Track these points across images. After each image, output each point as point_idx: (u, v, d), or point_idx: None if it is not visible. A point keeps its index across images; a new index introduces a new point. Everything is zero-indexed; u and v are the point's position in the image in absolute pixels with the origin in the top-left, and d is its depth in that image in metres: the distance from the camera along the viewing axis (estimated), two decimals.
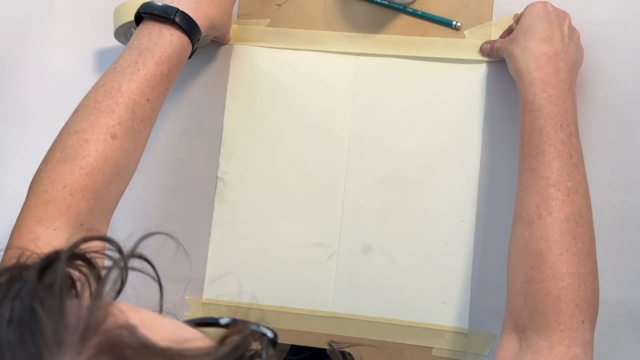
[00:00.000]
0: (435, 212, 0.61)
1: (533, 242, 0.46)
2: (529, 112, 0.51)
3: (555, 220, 0.46)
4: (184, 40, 0.53)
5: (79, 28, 0.70)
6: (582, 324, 0.44)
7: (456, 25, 0.62)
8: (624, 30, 0.60)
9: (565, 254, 0.45)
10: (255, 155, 0.64)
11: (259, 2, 0.66)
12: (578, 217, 0.46)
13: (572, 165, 0.48)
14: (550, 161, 0.47)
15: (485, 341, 0.58)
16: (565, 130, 0.48)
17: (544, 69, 0.51)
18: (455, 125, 0.61)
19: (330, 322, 0.61)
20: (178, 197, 0.65)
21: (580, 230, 0.46)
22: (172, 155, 0.66)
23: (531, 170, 0.49)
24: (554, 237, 0.45)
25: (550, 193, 0.47)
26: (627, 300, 0.56)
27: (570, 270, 0.44)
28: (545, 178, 0.47)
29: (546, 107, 0.49)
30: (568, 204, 0.46)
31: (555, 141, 0.48)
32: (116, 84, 0.49)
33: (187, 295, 0.64)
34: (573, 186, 0.47)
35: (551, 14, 0.54)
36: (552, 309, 0.44)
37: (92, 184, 0.47)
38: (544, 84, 0.50)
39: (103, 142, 0.47)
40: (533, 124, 0.50)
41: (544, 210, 0.46)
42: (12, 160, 0.68)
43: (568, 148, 0.48)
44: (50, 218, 0.45)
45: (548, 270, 0.45)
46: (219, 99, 0.66)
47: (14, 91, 0.70)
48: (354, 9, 0.65)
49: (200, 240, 0.64)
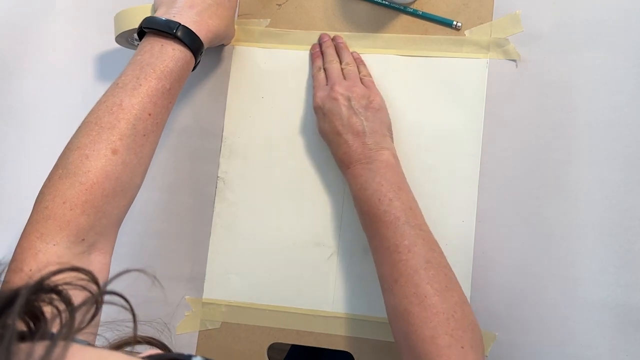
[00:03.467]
0: (435, 212, 0.60)
1: (397, 304, 0.50)
2: (354, 202, 0.57)
3: (407, 278, 0.49)
4: (186, 54, 0.53)
5: (79, 29, 0.70)
6: (462, 350, 0.46)
7: (456, 25, 0.62)
8: (623, 30, 0.60)
9: (425, 300, 0.48)
10: (255, 155, 0.64)
11: (259, 2, 0.66)
12: (425, 263, 0.50)
13: (402, 224, 0.51)
14: (384, 233, 0.52)
15: (485, 341, 0.58)
16: (384, 199, 0.53)
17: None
18: (455, 124, 0.61)
19: (330, 322, 0.61)
20: (178, 197, 0.65)
21: (431, 273, 0.49)
22: (172, 155, 0.66)
23: (375, 248, 0.54)
24: (411, 291, 0.49)
25: (394, 259, 0.51)
26: (627, 300, 0.56)
27: (434, 310, 0.47)
28: (386, 248, 0.52)
29: (360, 193, 0.55)
30: (412, 259, 0.50)
31: (380, 214, 0.52)
32: (117, 100, 0.49)
33: (187, 295, 0.64)
34: (410, 242, 0.51)
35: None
36: (430, 349, 0.46)
37: (92, 200, 0.47)
38: (352, 175, 0.56)
39: (103, 158, 0.47)
40: (359, 209, 0.55)
41: (395, 274, 0.50)
42: (12, 160, 0.68)
43: (393, 212, 0.52)
44: (50, 233, 0.45)
45: (416, 319, 0.48)
46: (220, 98, 0.66)
47: (15, 92, 0.70)
48: (354, 9, 0.65)
49: (200, 240, 0.64)
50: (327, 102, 0.58)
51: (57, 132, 0.68)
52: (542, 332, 0.57)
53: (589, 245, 0.58)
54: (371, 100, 0.58)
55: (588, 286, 0.57)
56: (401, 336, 0.49)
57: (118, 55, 0.68)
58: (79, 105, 0.68)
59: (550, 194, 0.59)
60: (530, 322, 0.58)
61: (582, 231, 0.58)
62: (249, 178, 0.64)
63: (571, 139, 0.59)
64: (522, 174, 0.59)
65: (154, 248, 0.65)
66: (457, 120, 0.61)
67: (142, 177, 0.52)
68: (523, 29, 0.61)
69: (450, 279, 0.50)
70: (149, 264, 0.64)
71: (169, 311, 0.63)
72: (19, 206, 0.67)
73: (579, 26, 0.60)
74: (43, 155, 0.68)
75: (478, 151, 0.61)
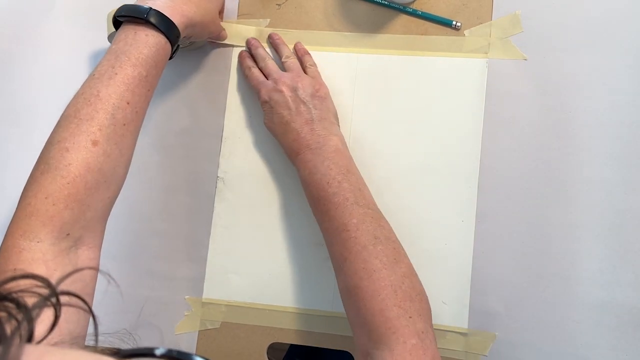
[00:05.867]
0: (435, 211, 0.61)
1: (348, 281, 0.51)
2: (304, 187, 0.58)
3: (356, 254, 0.51)
4: (160, 39, 0.53)
5: (79, 29, 0.70)
6: (410, 319, 0.47)
7: (456, 25, 0.62)
8: (623, 30, 0.60)
9: (374, 274, 0.49)
10: (255, 155, 0.64)
11: (259, 2, 0.66)
12: (373, 239, 0.51)
13: (351, 204, 0.53)
14: (333, 214, 0.53)
15: (485, 341, 0.58)
16: (332, 182, 0.54)
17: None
18: (455, 124, 0.61)
19: (330, 322, 0.61)
20: (178, 197, 0.65)
21: (379, 248, 0.50)
22: (172, 154, 0.66)
23: (325, 230, 0.55)
24: (360, 267, 0.50)
25: (343, 237, 0.52)
26: (627, 300, 0.56)
27: (382, 283, 0.49)
28: (335, 228, 0.53)
29: (309, 178, 0.56)
30: (360, 236, 0.51)
31: (329, 196, 0.54)
32: (95, 91, 0.49)
33: (187, 295, 0.64)
34: (358, 220, 0.52)
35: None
36: (380, 322, 0.47)
37: (75, 193, 0.46)
38: (302, 161, 0.57)
39: (84, 150, 0.47)
40: (309, 194, 0.56)
41: (345, 252, 0.51)
42: (12, 160, 0.68)
43: (342, 194, 0.53)
44: (34, 230, 0.44)
45: (365, 294, 0.49)
46: (220, 98, 0.66)
47: (15, 92, 0.70)
48: (354, 8, 0.65)
49: (200, 240, 0.64)
50: (274, 95, 0.59)
51: None
52: (542, 332, 0.58)
53: (589, 245, 0.58)
54: (317, 89, 0.59)
55: (588, 286, 0.57)
56: (353, 313, 0.50)
57: None
58: None
59: (550, 194, 0.59)
60: (530, 322, 0.58)
61: (582, 231, 0.58)
62: (249, 178, 0.64)
63: (571, 139, 0.59)
64: (522, 174, 0.59)
65: (154, 248, 0.65)
66: (456, 120, 0.61)
67: (126, 168, 0.51)
68: (523, 29, 0.61)
69: (398, 252, 0.52)
70: (149, 264, 0.64)
71: (168, 311, 0.63)
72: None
73: (579, 26, 0.60)
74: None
75: (478, 151, 0.61)
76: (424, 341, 0.46)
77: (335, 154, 0.56)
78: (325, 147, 0.56)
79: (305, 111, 0.58)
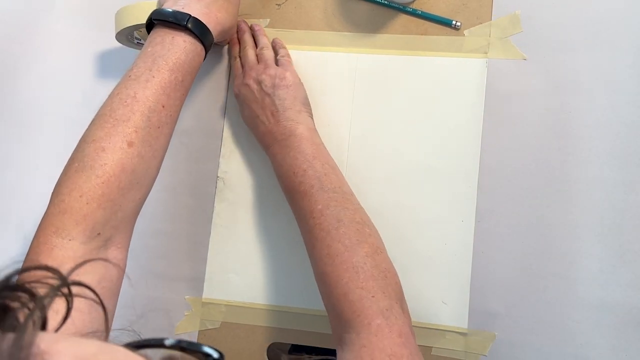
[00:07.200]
0: (435, 211, 0.61)
1: (315, 268, 0.52)
2: (278, 180, 0.59)
3: (321, 241, 0.51)
4: (197, 46, 0.53)
5: (79, 28, 0.70)
6: (373, 299, 0.47)
7: (456, 24, 0.62)
8: (623, 30, 0.60)
9: (336, 258, 0.49)
10: (255, 155, 0.65)
11: (259, 2, 0.66)
12: (336, 223, 0.51)
13: (316, 191, 0.53)
14: (300, 203, 0.54)
15: (485, 341, 0.58)
16: (298, 171, 0.55)
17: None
18: (455, 124, 0.61)
19: None
20: (178, 197, 0.65)
21: (342, 231, 0.51)
22: (172, 155, 0.65)
23: (297, 221, 0.56)
24: (325, 252, 0.50)
25: (310, 225, 0.52)
26: (627, 300, 0.56)
27: (344, 266, 0.49)
28: (302, 217, 0.54)
29: (278, 170, 0.57)
30: (324, 222, 0.51)
31: (295, 186, 0.54)
32: (131, 92, 0.49)
33: (187, 295, 0.64)
34: (323, 205, 0.52)
35: None
36: (345, 306, 0.48)
37: (108, 193, 0.46)
38: (272, 154, 0.59)
39: (119, 150, 0.47)
40: (281, 186, 0.58)
41: (312, 239, 0.52)
42: (12, 159, 0.69)
43: (307, 182, 0.54)
44: (67, 228, 0.45)
45: (330, 279, 0.49)
46: (220, 98, 0.66)
47: (15, 92, 0.70)
48: (353, 8, 0.65)
49: (200, 240, 0.64)
50: (242, 89, 0.61)
51: (58, 131, 0.68)
52: (542, 332, 0.57)
53: (589, 245, 0.58)
54: (282, 78, 0.59)
55: (588, 286, 0.57)
56: (325, 300, 0.51)
57: (118, 54, 0.68)
58: (79, 105, 0.68)
59: (550, 194, 0.59)
60: (530, 322, 0.58)
61: (582, 231, 0.58)
62: (249, 178, 0.64)
63: (571, 139, 0.59)
64: (522, 174, 0.59)
65: (154, 248, 0.65)
66: (456, 120, 0.61)
67: (157, 170, 0.52)
68: (522, 29, 0.61)
69: (361, 233, 0.51)
70: (149, 263, 0.64)
71: (168, 311, 0.63)
72: (21, 204, 0.67)
73: (579, 26, 0.60)
74: (43, 154, 0.68)
75: (478, 151, 0.61)
76: (388, 319, 0.46)
77: (300, 143, 0.56)
78: (292, 138, 0.57)
79: (269, 103, 0.58)
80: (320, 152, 0.57)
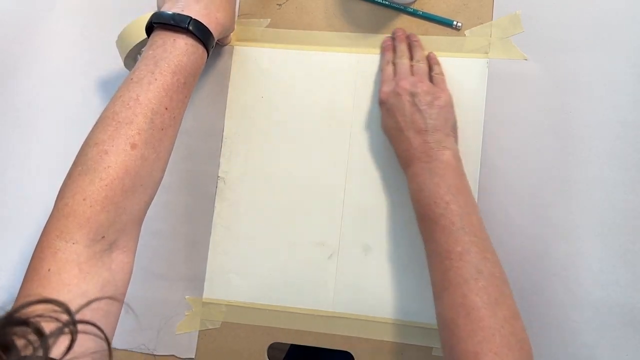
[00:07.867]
0: None
1: (445, 313, 0.49)
2: (412, 202, 0.56)
3: (456, 287, 0.48)
4: (198, 48, 0.53)
5: (79, 29, 0.70)
6: None
7: (457, 25, 0.62)
8: (623, 30, 0.60)
9: (472, 312, 0.46)
10: (256, 155, 0.65)
11: (260, 2, 0.66)
12: (476, 274, 0.48)
13: (457, 230, 0.50)
14: (437, 237, 0.51)
15: None
16: (440, 202, 0.52)
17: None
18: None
19: (330, 321, 0.61)
20: (178, 197, 0.65)
21: (481, 284, 0.48)
22: (172, 155, 0.65)
23: (428, 252, 0.53)
24: (459, 302, 0.47)
25: (445, 266, 0.50)
26: (627, 300, 0.56)
27: (481, 324, 0.46)
28: (438, 254, 0.51)
29: (416, 194, 0.54)
30: (463, 267, 0.49)
31: (435, 217, 0.52)
32: (134, 95, 0.49)
33: (187, 295, 0.64)
34: (463, 249, 0.49)
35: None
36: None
37: (112, 196, 0.46)
38: (411, 174, 0.56)
39: (123, 153, 0.47)
40: (416, 211, 0.55)
41: (445, 282, 0.49)
42: (12, 159, 0.68)
43: (448, 217, 0.51)
44: (70, 231, 0.44)
45: (461, 332, 0.46)
46: (220, 98, 0.66)
47: (15, 92, 0.70)
48: (354, 9, 0.65)
49: (200, 240, 0.64)
50: (391, 98, 0.58)
51: (58, 131, 0.68)
52: (542, 332, 0.57)
53: (589, 245, 0.58)
54: (436, 97, 0.57)
55: (588, 286, 0.57)
56: (447, 347, 0.48)
57: (118, 54, 0.68)
58: (79, 105, 0.68)
59: (550, 194, 0.59)
60: (530, 322, 0.58)
61: (582, 231, 0.58)
62: (249, 178, 0.64)
63: (571, 139, 0.59)
64: (522, 174, 0.59)
65: (154, 248, 0.65)
66: (457, 120, 0.61)
67: (162, 172, 0.52)
68: (523, 29, 0.61)
69: (501, 291, 0.48)
70: (149, 264, 0.64)
71: (169, 311, 0.63)
72: (21, 206, 0.67)
73: (579, 26, 0.60)
74: (44, 154, 0.68)
75: (478, 151, 0.61)
76: None
77: (445, 170, 0.53)
78: (436, 162, 0.54)
79: (419, 120, 0.55)
80: (464, 186, 0.54)
